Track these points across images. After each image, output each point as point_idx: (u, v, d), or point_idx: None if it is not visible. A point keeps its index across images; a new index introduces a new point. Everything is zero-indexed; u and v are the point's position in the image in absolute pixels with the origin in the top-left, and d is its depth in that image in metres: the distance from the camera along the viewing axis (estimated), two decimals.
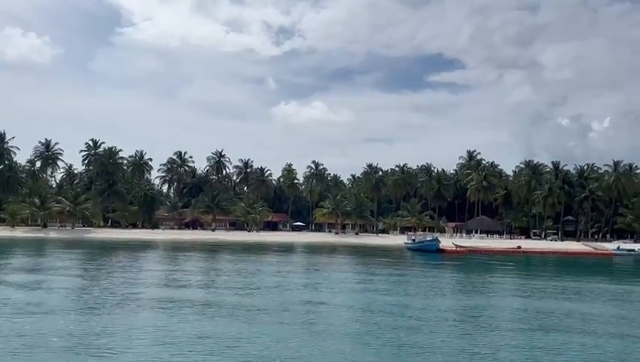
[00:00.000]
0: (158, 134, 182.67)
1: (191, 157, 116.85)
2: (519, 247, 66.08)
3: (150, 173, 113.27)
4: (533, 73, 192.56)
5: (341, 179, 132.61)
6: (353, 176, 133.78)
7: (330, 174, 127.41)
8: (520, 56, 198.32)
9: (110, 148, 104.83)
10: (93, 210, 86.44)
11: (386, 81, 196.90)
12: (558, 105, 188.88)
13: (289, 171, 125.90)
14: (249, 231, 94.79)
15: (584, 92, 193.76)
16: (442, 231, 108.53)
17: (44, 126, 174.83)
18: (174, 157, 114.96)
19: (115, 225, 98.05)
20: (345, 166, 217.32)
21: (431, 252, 58.45)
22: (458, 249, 60.42)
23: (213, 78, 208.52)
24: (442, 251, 59.72)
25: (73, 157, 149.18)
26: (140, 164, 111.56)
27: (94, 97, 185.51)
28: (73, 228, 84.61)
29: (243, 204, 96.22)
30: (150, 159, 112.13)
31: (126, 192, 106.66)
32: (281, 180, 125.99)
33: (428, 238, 63.15)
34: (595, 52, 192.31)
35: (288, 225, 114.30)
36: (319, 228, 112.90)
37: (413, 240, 65.47)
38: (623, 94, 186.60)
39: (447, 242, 71.32)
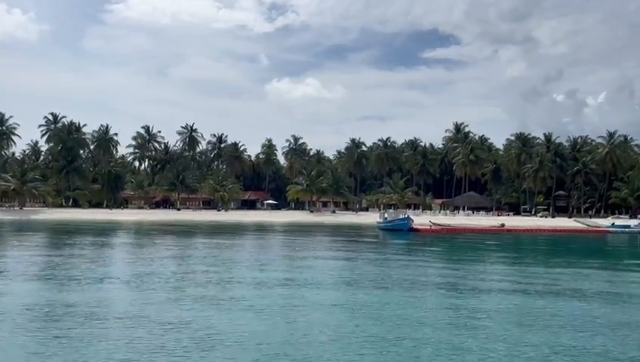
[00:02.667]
0: (150, 113, 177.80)
1: (159, 131, 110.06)
2: (502, 225, 60.02)
3: (117, 149, 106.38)
4: (528, 49, 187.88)
5: (325, 155, 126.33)
6: (339, 152, 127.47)
7: (312, 150, 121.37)
8: (515, 31, 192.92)
9: (70, 123, 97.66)
10: (45, 188, 79.58)
11: (380, 58, 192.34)
12: (553, 81, 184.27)
13: (269, 147, 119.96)
14: (218, 211, 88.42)
15: (579, 67, 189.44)
16: (429, 208, 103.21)
17: (31, 105, 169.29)
18: (142, 131, 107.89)
19: (77, 204, 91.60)
20: (339, 144, 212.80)
21: (403, 231, 52.35)
22: (433, 228, 54.19)
23: (205, 56, 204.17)
24: (416, 230, 53.63)
25: None
26: (105, 139, 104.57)
27: (84, 76, 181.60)
28: (21, 209, 78.02)
29: (212, 181, 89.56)
30: (116, 134, 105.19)
31: (91, 170, 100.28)
32: (260, 156, 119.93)
33: (400, 217, 56.74)
34: (590, 27, 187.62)
35: (265, 204, 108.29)
36: (301, 206, 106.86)
37: (386, 218, 59.08)
38: (618, 69, 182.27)
39: (424, 220, 65.55)
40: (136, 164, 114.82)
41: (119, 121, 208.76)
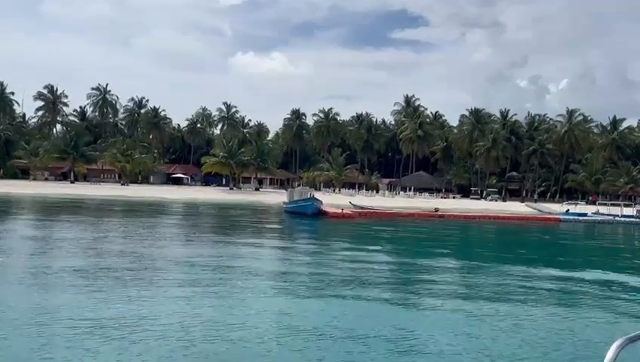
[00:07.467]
0: (112, 84, 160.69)
1: (63, 91, 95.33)
2: (436, 210, 49.74)
3: (13, 109, 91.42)
4: (494, 33, 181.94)
5: (267, 127, 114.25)
6: (284, 125, 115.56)
7: (251, 121, 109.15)
8: (483, 15, 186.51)
9: None
10: None
11: (348, 37, 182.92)
12: (517, 67, 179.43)
13: (203, 116, 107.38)
14: (122, 185, 75.53)
15: (543, 54, 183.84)
16: (374, 187, 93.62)
17: None
18: (44, 91, 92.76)
19: None
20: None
21: (306, 215, 41.27)
22: (345, 213, 43.23)
23: (170, 27, 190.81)
24: (324, 214, 42.63)
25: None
26: None
27: (41, 41, 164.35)
28: None
29: (115, 150, 76.30)
30: (12, 93, 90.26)
31: None
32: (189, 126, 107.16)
33: (306, 196, 45.55)
34: (555, 14, 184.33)
35: (189, 179, 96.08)
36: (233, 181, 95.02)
37: (294, 198, 47.82)
38: (581, 57, 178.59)
39: (356, 200, 55.00)
40: (46, 129, 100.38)
41: (78, 91, 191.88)
